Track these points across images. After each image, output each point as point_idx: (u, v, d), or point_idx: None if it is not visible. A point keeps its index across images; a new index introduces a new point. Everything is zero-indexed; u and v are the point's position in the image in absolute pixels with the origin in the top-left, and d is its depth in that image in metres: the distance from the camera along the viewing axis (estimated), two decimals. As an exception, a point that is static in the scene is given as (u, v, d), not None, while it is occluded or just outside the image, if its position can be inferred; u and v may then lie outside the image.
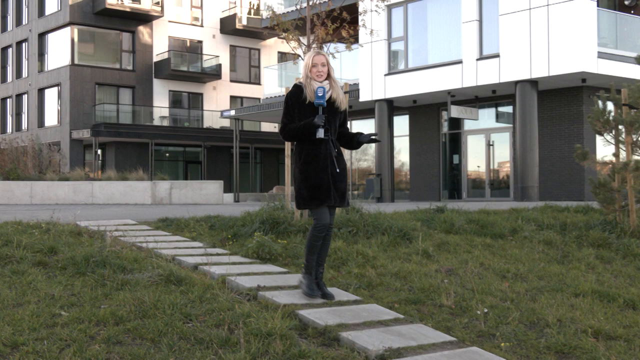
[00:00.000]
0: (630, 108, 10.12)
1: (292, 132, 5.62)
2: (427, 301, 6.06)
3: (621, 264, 8.43)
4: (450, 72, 22.37)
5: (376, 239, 8.43)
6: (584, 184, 19.14)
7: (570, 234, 9.72)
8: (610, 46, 20.29)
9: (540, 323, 5.70)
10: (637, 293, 6.96)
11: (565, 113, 21.29)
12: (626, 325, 5.83)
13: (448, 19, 23.01)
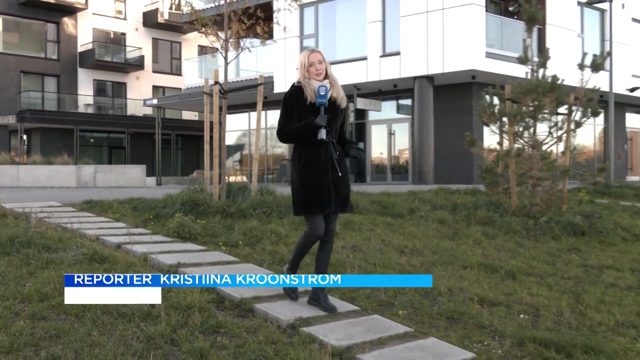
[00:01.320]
0: (513, 102, 10.49)
1: (292, 133, 4.92)
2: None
3: (503, 239, 8.75)
4: (356, 67, 22.59)
5: (288, 219, 8.45)
6: (473, 169, 19.81)
7: (460, 214, 10.04)
8: (497, 47, 20.97)
9: (434, 292, 5.86)
10: (516, 265, 7.23)
11: (457, 106, 21.87)
12: (507, 293, 6.07)
13: (355, 19, 23.18)
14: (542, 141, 10.57)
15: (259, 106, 9.57)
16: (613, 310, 5.72)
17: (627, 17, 26.00)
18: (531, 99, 10.17)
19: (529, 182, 10.42)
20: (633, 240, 9.38)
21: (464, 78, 21.12)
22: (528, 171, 10.33)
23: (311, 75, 4.87)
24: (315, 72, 4.85)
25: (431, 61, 20.57)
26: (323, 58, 4.88)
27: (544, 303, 5.82)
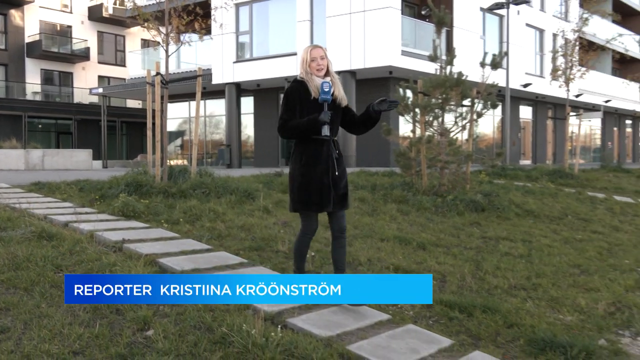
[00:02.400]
0: (424, 95, 10.70)
1: (294, 129, 4.38)
2: (266, 248, 6.13)
3: (415, 215, 8.97)
4: (287, 62, 22.45)
5: (225, 198, 8.37)
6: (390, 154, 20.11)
7: (378, 193, 10.20)
8: (411, 46, 21.27)
9: (355, 262, 5.95)
10: (426, 237, 7.43)
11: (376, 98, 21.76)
12: (418, 262, 6.23)
13: (286, 18, 22.99)
14: (449, 129, 10.85)
15: (198, 96, 9.41)
16: (507, 276, 5.98)
17: (521, 23, 26.89)
18: (440, 93, 10.40)
19: (437, 165, 10.69)
20: (524, 215, 9.79)
21: (383, 73, 21.36)
22: (437, 156, 10.59)
23: (312, 71, 4.38)
24: (316, 68, 4.36)
25: (354, 57, 20.69)
26: (325, 54, 4.42)
27: (449, 270, 6.01)
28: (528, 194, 11.98)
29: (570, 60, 18.72)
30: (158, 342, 3.55)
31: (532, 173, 16.15)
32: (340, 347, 3.76)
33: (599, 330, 4.67)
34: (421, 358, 3.81)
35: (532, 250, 7.34)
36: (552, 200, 11.68)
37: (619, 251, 7.94)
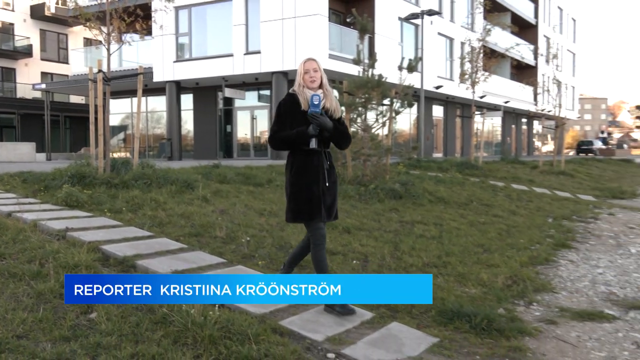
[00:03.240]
0: (349, 95, 10.80)
1: (283, 140, 4.06)
2: (205, 234, 6.02)
3: (341, 203, 8.94)
4: (224, 62, 22.10)
5: (166, 188, 8.15)
6: (319, 147, 20.22)
7: (308, 183, 10.23)
8: (337, 50, 21.40)
9: (287, 246, 5.95)
10: (351, 222, 7.50)
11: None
12: (343, 245, 6.30)
13: (223, 22, 22.57)
14: (371, 126, 11.00)
15: (139, 92, 9.10)
16: (421, 255, 6.15)
17: (434, 32, 27.61)
18: (363, 92, 10.52)
19: (361, 157, 10.83)
20: (436, 202, 10.09)
21: (312, 74, 21.38)
22: (360, 149, 10.72)
23: (306, 83, 4.05)
24: (309, 80, 4.04)
25: (286, 59, 20.60)
26: (319, 67, 4.09)
27: (371, 251, 6.12)
28: (439, 183, 12.34)
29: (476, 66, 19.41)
30: (101, 323, 3.43)
31: (443, 165, 16.66)
32: (273, 322, 3.76)
33: (498, 300, 4.88)
34: (346, 330, 3.86)
35: (443, 232, 7.57)
36: (459, 189, 12.09)
37: (515, 232, 8.32)
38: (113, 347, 3.18)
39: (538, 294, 5.26)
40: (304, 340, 3.60)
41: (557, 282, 5.74)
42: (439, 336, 3.94)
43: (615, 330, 4.38)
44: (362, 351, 3.53)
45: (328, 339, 3.65)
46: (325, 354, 3.43)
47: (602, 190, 16.08)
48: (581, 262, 6.73)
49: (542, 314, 4.70)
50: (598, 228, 9.27)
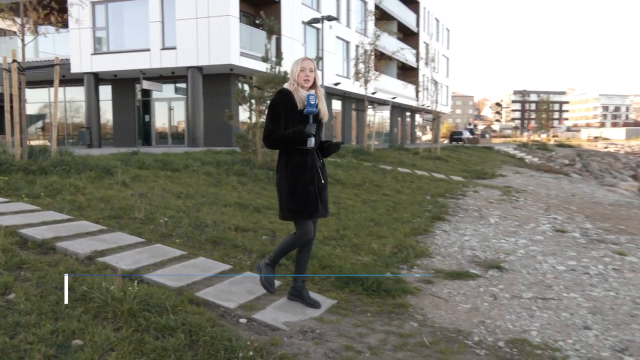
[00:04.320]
0: (258, 89, 10.66)
1: (280, 139, 3.61)
2: (124, 216, 5.71)
3: (252, 185, 8.96)
4: (141, 56, 20.91)
5: (86, 174, 7.62)
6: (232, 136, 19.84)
7: (222, 168, 10.01)
8: (248, 49, 20.99)
9: (202, 225, 5.80)
10: (261, 203, 7.47)
11: (220, 90, 21.55)
12: (254, 222, 6.25)
13: (139, 18, 21.29)
14: (278, 117, 10.96)
15: (56, 83, 8.36)
16: (322, 229, 6.24)
17: (333, 35, 27.89)
18: (271, 87, 10.42)
19: (269, 145, 10.76)
20: (335, 183, 10.26)
21: (225, 70, 20.86)
22: (269, 137, 10.66)
23: (300, 81, 3.64)
24: (304, 78, 3.64)
25: (200, 56, 19.90)
26: (314, 67, 3.72)
27: (279, 227, 6.12)
28: (338, 167, 12.57)
29: (368, 66, 19.91)
30: (20, 304, 3.16)
31: (341, 151, 16.96)
32: (190, 294, 3.66)
33: (386, 266, 5.10)
34: (256, 297, 3.85)
35: (341, 210, 7.74)
36: (355, 172, 12.41)
37: (400, 208, 8.69)
38: (32, 325, 2.94)
39: (418, 259, 5.54)
40: (219, 308, 3.54)
41: (433, 249, 6.09)
42: (337, 298, 4.04)
43: (477, 286, 4.72)
44: (271, 315, 3.54)
45: (240, 306, 3.62)
46: (237, 320, 3.40)
47: (469, 172, 17.20)
48: (452, 231, 7.17)
49: (422, 275, 4.97)
50: (465, 203, 9.92)
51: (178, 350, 2.81)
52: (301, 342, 3.15)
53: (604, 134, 76.13)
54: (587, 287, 4.74)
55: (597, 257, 5.91)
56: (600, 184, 20.89)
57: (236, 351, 2.83)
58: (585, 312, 4.08)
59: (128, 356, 2.71)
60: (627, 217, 9.53)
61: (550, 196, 12.12)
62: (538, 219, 8.42)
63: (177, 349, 2.81)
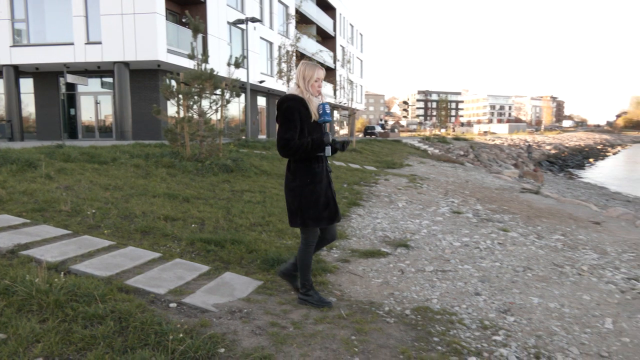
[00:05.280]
0: (185, 85, 10.25)
1: (298, 149, 3.22)
2: (49, 209, 5.28)
3: (181, 177, 8.64)
4: (65, 50, 19.30)
5: (6, 167, 6.93)
6: (161, 129, 18.99)
7: (151, 160, 9.56)
8: (175, 46, 20.11)
9: (131, 215, 5.51)
10: (190, 193, 7.22)
11: (149, 85, 20.50)
12: (183, 212, 6.04)
13: (62, 11, 19.60)
14: (206, 112, 10.62)
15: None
16: (249, 217, 6.17)
17: (257, 36, 27.46)
18: (197, 83, 10.06)
19: (197, 138, 10.42)
20: (261, 174, 10.19)
21: (152, 66, 19.85)
22: (196, 131, 10.30)
23: (313, 91, 3.33)
24: (317, 88, 3.35)
25: (127, 51, 18.75)
26: (323, 77, 3.40)
27: (207, 216, 5.96)
28: (263, 159, 12.46)
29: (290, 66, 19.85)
30: None
31: (266, 144, 16.83)
32: (119, 283, 3.47)
33: (308, 248, 5.13)
34: (186, 282, 3.73)
35: (266, 198, 7.68)
36: (279, 163, 12.35)
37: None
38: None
39: (337, 241, 5.64)
40: (149, 295, 3.39)
41: (350, 231, 6.23)
42: (263, 279, 4.02)
43: (388, 262, 4.91)
44: (200, 298, 3.45)
45: (170, 292, 3.49)
46: (168, 304, 3.28)
47: (381, 163, 17.78)
48: (366, 215, 7.38)
49: (339, 255, 5.07)
50: (377, 190, 10.25)
51: (107, 337, 2.65)
52: (229, 322, 3.10)
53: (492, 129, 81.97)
54: (478, 259, 5.10)
55: (486, 233, 6.38)
56: (488, 171, 22.50)
57: (166, 334, 2.73)
58: (476, 280, 4.39)
59: (55, 346, 2.52)
60: (509, 199, 10.36)
61: (449, 183, 12.86)
62: (438, 203, 8.90)
63: (107, 336, 2.65)
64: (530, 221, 7.59)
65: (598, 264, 5.13)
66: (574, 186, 24.38)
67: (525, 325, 3.41)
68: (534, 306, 3.78)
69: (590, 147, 62.66)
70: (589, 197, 19.00)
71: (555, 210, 9.33)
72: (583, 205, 12.54)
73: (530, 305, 3.79)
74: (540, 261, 5.09)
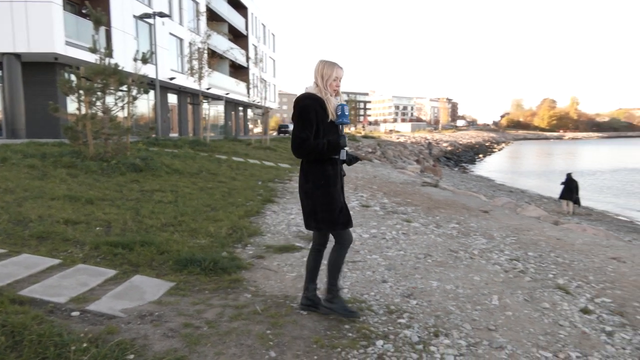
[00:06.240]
0: (87, 80, 9.48)
1: (314, 150, 3.01)
2: None
3: (84, 177, 8.00)
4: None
5: None
6: (60, 127, 17.35)
7: (48, 160, 8.72)
8: (75, 38, 18.45)
9: (26, 220, 4.98)
10: (94, 194, 6.72)
11: (45, 80, 18.59)
12: (86, 214, 5.59)
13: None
14: (111, 109, 9.91)
15: None
16: (160, 217, 5.88)
17: (166, 31, 26.17)
18: (101, 79, 9.35)
19: (102, 136, 9.70)
20: (172, 173, 9.75)
21: (49, 58, 18.03)
22: (101, 129, 9.58)
23: (330, 90, 3.11)
24: (335, 87, 3.12)
25: (17, 42, 16.82)
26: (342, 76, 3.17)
27: (114, 218, 5.58)
28: (175, 158, 11.95)
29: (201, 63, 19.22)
30: None
31: (178, 142, 16.19)
32: (11, 293, 3.11)
33: (222, 246, 5.02)
34: (90, 288, 3.46)
35: (178, 197, 7.37)
36: (192, 162, 11.93)
37: (235, 193, 8.63)
38: None
39: (251, 237, 5.58)
40: (47, 304, 3.09)
41: (264, 228, 6.19)
42: (175, 281, 3.85)
43: (302, 256, 4.96)
44: (107, 304, 3.22)
45: (72, 300, 3.21)
46: (69, 314, 3.01)
47: (294, 160, 17.88)
48: (280, 211, 7.39)
49: (254, 252, 5.02)
50: (291, 186, 10.31)
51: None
52: (139, 327, 2.93)
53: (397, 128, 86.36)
54: (385, 249, 5.35)
55: (392, 225, 6.71)
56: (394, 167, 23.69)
57: (68, 345, 2.50)
58: (383, 269, 4.60)
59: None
60: (412, 193, 11.00)
61: (358, 178, 13.32)
62: (349, 197, 9.18)
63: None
64: (430, 212, 8.12)
65: (487, 247, 5.64)
66: (467, 179, 26.59)
67: (426, 307, 3.64)
68: (433, 289, 4.05)
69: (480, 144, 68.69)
70: (479, 188, 20.83)
71: (451, 201, 10.08)
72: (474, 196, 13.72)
73: (430, 289, 4.05)
74: (439, 248, 5.47)
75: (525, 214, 11.13)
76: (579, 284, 4.45)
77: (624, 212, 16.57)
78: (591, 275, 4.72)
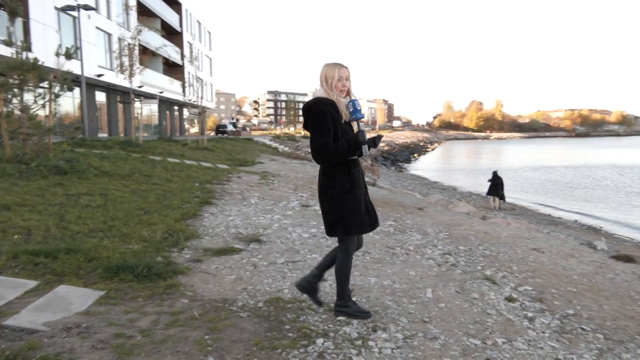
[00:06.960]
0: (2, 75, 8.72)
1: (336, 153, 2.88)
2: None
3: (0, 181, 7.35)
4: None
5: None
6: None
7: (-43, 163, 7.91)
8: (-14, 30, 16.91)
9: None
10: (11, 199, 6.19)
11: None
12: (3, 222, 5.13)
13: None
14: (29, 106, 9.18)
15: None
16: (87, 222, 5.54)
17: (93, 25, 24.70)
18: (17, 74, 8.64)
19: (20, 137, 8.97)
20: (101, 175, 9.23)
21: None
22: (18, 129, 8.85)
23: (337, 91, 2.98)
24: (341, 88, 2.99)
25: None
26: (349, 75, 3.02)
27: (35, 225, 5.18)
28: (104, 159, 11.32)
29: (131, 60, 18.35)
30: None
31: (108, 143, 15.35)
32: None
33: (157, 251, 4.82)
34: (7, 302, 3.18)
35: (108, 201, 6.99)
36: (123, 163, 11.36)
37: (170, 195, 8.32)
38: None
39: (188, 241, 5.41)
40: (-45, 322, 2.80)
41: (202, 230, 6.03)
42: (105, 289, 3.65)
43: (241, 258, 4.89)
44: (27, 318, 2.98)
45: (-14, 315, 2.93)
46: (-18, 331, 2.75)
47: (233, 161, 17.61)
48: (219, 213, 7.23)
49: (191, 255, 4.87)
50: (230, 188, 10.12)
51: None
52: (65, 340, 2.74)
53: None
54: (325, 248, 5.40)
55: (331, 223, 6.79)
56: (333, 167, 23.95)
57: (-19, 365, 2.29)
58: (323, 267, 4.64)
59: None
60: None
61: (298, 178, 13.36)
62: (289, 198, 9.18)
63: None
64: (368, 210, 8.31)
65: (421, 243, 5.87)
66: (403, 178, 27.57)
67: (364, 303, 3.72)
68: (371, 285, 4.15)
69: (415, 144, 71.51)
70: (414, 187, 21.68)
71: (389, 199, 10.40)
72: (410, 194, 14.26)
73: (368, 285, 4.15)
74: (377, 245, 5.61)
75: (457, 210, 11.73)
76: (504, 274, 4.76)
77: (542, 208, 17.98)
78: (515, 266, 5.07)
